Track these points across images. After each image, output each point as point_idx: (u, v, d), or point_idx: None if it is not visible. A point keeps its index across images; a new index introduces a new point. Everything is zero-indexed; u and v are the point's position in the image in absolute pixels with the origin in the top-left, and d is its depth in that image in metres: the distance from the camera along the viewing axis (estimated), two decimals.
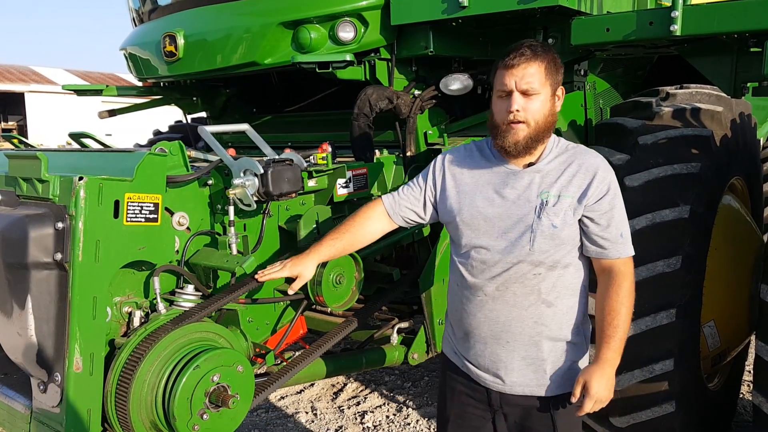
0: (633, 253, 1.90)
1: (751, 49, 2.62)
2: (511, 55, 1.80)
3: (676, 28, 2.41)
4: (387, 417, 3.73)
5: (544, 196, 1.84)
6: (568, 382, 1.91)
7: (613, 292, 1.86)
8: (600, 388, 1.81)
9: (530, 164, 1.88)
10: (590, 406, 1.82)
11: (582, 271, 1.93)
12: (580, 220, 1.86)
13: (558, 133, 2.35)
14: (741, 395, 3.63)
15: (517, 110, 1.79)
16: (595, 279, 1.93)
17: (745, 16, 2.35)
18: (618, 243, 1.86)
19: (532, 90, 1.79)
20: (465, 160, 1.99)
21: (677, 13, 2.41)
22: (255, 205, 2.23)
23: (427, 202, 2.04)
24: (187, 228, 2.24)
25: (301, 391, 4.09)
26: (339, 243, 2.10)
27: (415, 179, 2.08)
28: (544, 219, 1.82)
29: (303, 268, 2.09)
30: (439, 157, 2.05)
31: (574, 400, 1.84)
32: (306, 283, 2.32)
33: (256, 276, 2.12)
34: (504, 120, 1.82)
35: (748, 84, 2.72)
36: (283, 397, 4.01)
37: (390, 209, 2.08)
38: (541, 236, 1.83)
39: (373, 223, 2.09)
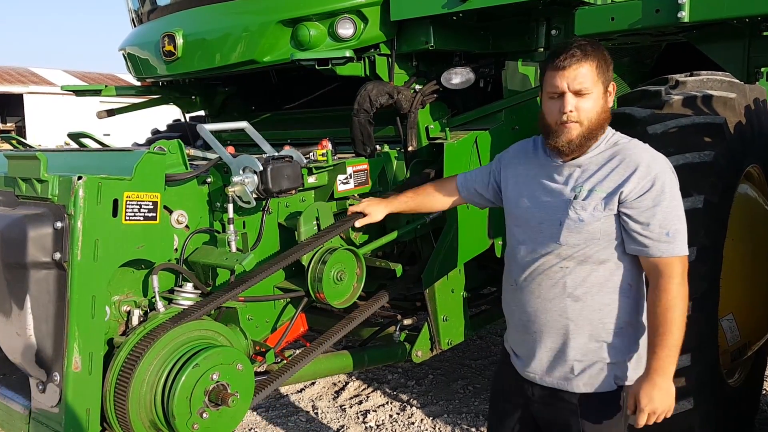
0: (684, 253, 1.83)
1: (764, 33, 2.57)
2: (561, 57, 1.85)
3: (684, 15, 2.35)
4: (390, 416, 3.72)
5: (577, 189, 1.88)
6: (599, 383, 1.91)
7: (656, 296, 1.82)
8: (649, 400, 1.80)
9: (574, 158, 1.92)
10: (643, 420, 1.82)
11: (625, 270, 1.88)
12: (618, 216, 1.84)
13: None
14: (763, 391, 3.57)
15: (571, 111, 1.84)
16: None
17: None
18: (662, 241, 1.80)
19: (584, 90, 1.84)
20: (524, 153, 2.09)
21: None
22: (254, 203, 2.25)
23: (491, 185, 2.21)
24: (186, 226, 2.26)
25: (302, 389, 4.09)
26: (411, 202, 2.41)
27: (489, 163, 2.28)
28: (572, 212, 1.86)
29: (374, 210, 2.40)
30: (510, 146, 2.20)
31: (629, 412, 1.87)
32: (306, 280, 2.36)
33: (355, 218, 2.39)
34: (557, 120, 1.88)
35: (762, 69, 2.67)
36: (283, 396, 4.02)
37: (460, 184, 2.31)
38: (568, 230, 1.87)
39: (443, 193, 2.36)
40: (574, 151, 1.89)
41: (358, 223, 2.40)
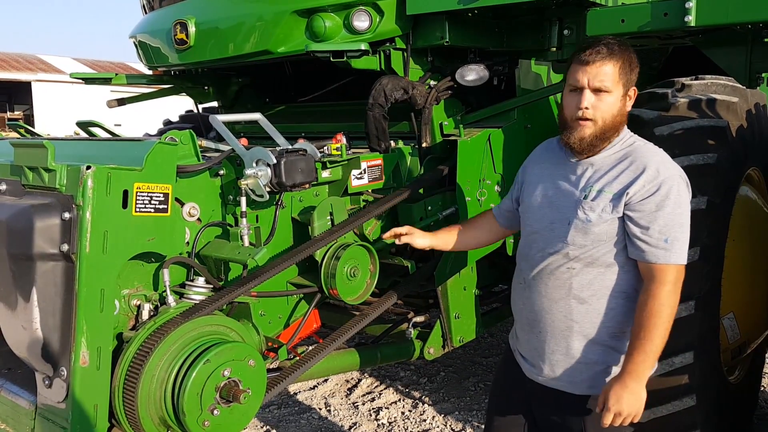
0: (680, 263, 1.75)
1: (765, 39, 2.59)
2: (587, 52, 1.79)
3: (690, 19, 2.38)
4: (402, 413, 3.62)
5: (587, 190, 1.83)
6: (602, 385, 1.83)
7: (645, 300, 1.75)
8: (617, 401, 1.73)
9: (587, 156, 1.86)
10: (608, 419, 1.75)
11: (632, 275, 1.82)
12: (623, 219, 1.77)
13: None
14: (762, 388, 3.53)
15: (587, 107, 1.78)
16: None
17: (759, 6, 2.31)
18: (659, 248, 1.73)
19: (604, 88, 1.78)
20: (543, 153, 2.04)
21: (691, 4, 2.38)
22: (267, 196, 2.15)
23: (518, 197, 2.09)
24: (198, 219, 2.16)
25: (315, 386, 3.99)
26: (449, 236, 2.22)
27: None
28: (581, 213, 1.81)
29: (417, 237, 2.21)
30: (536, 148, 2.11)
31: (597, 410, 1.79)
32: (320, 276, 2.28)
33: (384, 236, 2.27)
34: (573, 116, 1.82)
35: (763, 74, 2.68)
36: (295, 393, 3.91)
37: (496, 212, 2.20)
38: (575, 229, 1.81)
39: (481, 225, 2.24)
40: (585, 150, 1.83)
41: (398, 240, 2.24)
